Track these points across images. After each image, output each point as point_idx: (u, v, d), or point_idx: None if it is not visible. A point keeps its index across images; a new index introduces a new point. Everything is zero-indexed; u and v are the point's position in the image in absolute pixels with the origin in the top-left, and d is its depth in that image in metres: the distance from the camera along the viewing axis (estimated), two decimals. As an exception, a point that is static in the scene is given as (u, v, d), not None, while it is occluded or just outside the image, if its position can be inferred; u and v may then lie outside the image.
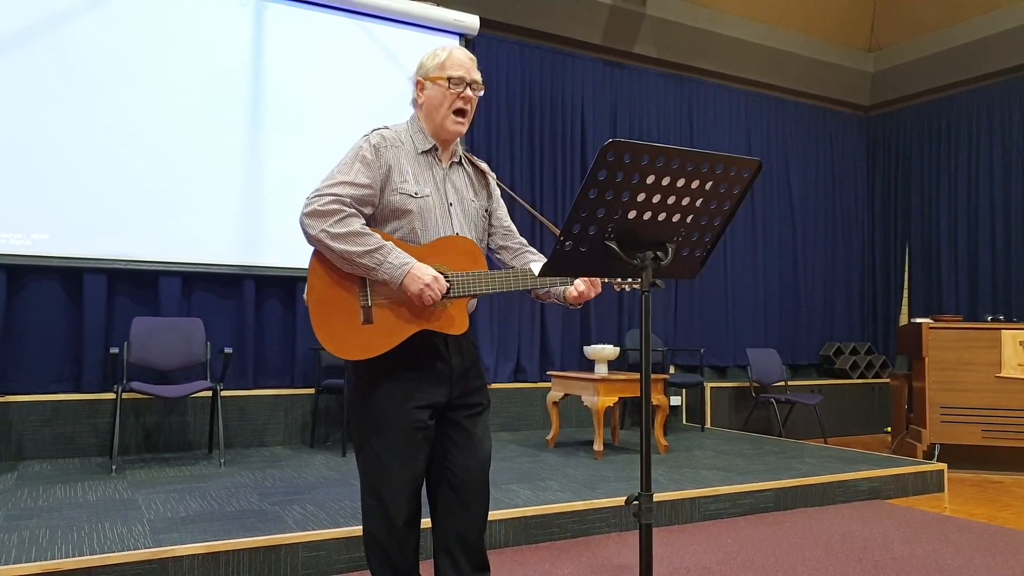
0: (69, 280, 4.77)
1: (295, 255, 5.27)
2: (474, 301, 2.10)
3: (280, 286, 5.36)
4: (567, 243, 1.60)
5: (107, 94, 4.84)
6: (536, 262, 2.12)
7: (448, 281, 1.91)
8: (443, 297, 1.90)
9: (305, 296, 1.94)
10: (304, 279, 1.97)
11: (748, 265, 7.58)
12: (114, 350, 4.41)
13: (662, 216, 1.63)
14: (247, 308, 5.21)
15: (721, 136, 7.51)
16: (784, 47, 7.63)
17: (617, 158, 1.50)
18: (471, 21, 5.97)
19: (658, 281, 1.66)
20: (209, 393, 4.61)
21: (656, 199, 1.59)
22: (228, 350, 4.59)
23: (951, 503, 4.42)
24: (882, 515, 3.99)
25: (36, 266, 4.63)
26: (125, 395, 4.36)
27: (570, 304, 2.08)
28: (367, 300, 1.91)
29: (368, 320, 1.91)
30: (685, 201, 1.63)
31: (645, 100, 7.10)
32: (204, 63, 5.12)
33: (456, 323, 1.96)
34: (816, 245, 8.11)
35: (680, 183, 1.59)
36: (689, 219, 1.67)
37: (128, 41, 4.91)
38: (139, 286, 4.95)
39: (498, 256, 2.20)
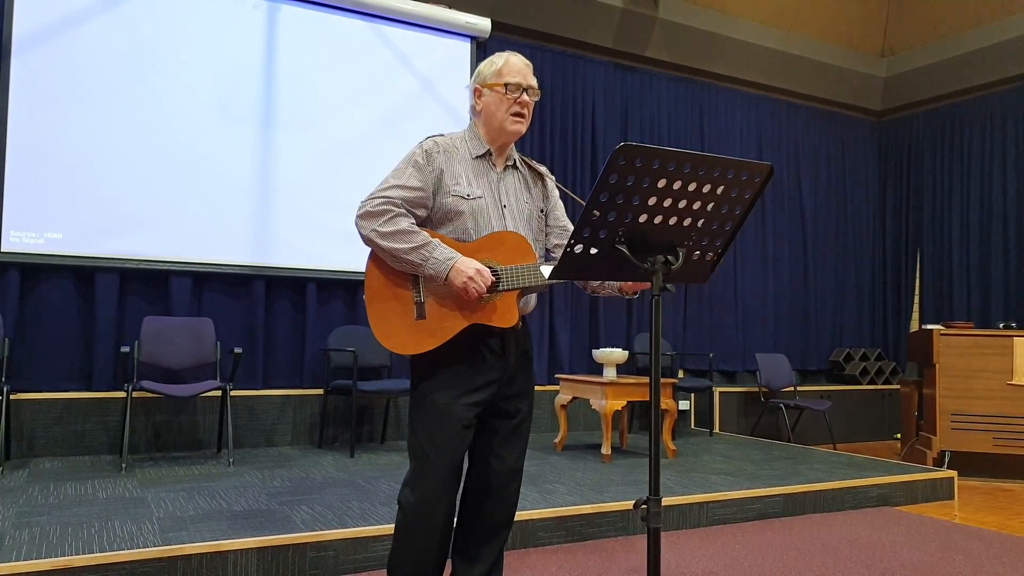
0: (81, 279, 4.80)
1: (305, 256, 5.30)
2: (531, 298, 2.09)
3: (290, 287, 5.38)
4: (577, 246, 1.60)
5: (120, 95, 4.87)
6: None
7: (496, 275, 1.93)
8: (490, 290, 1.91)
9: (364, 296, 1.99)
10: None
11: (758, 270, 7.56)
12: (125, 349, 4.43)
13: (673, 220, 1.63)
14: (257, 308, 5.23)
15: (732, 140, 7.50)
16: (796, 51, 7.61)
17: (628, 161, 1.50)
18: (483, 24, 5.98)
19: (669, 285, 1.66)
20: (219, 393, 4.63)
21: (667, 203, 1.60)
22: (238, 350, 4.61)
23: (961, 511, 4.39)
24: (891, 522, 3.97)
25: (49, 265, 4.67)
26: (135, 394, 4.39)
27: (626, 294, 2.08)
28: (420, 296, 1.95)
29: (421, 316, 1.94)
30: (696, 205, 1.63)
31: (656, 104, 7.10)
32: (216, 64, 5.16)
33: (499, 314, 1.96)
34: (826, 250, 8.08)
35: (691, 187, 1.59)
36: (700, 223, 1.67)
37: (141, 42, 4.95)
38: (150, 286, 4.98)
39: (554, 255, 2.21)
